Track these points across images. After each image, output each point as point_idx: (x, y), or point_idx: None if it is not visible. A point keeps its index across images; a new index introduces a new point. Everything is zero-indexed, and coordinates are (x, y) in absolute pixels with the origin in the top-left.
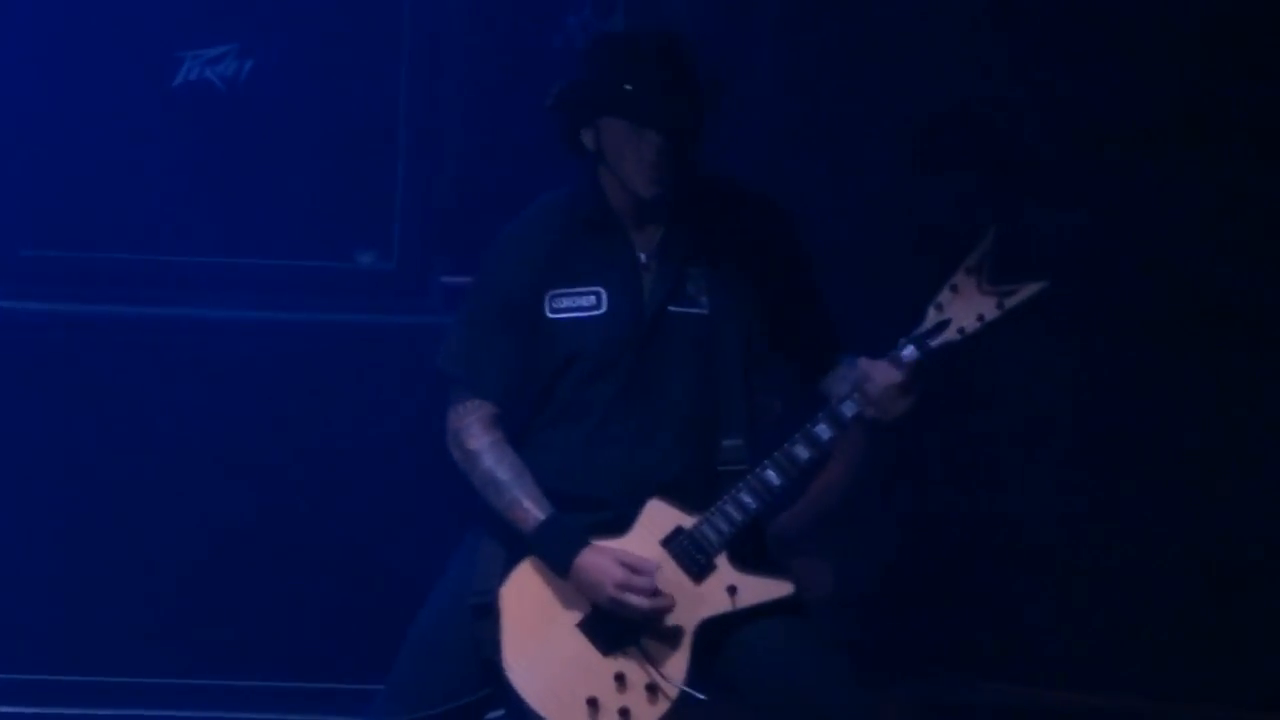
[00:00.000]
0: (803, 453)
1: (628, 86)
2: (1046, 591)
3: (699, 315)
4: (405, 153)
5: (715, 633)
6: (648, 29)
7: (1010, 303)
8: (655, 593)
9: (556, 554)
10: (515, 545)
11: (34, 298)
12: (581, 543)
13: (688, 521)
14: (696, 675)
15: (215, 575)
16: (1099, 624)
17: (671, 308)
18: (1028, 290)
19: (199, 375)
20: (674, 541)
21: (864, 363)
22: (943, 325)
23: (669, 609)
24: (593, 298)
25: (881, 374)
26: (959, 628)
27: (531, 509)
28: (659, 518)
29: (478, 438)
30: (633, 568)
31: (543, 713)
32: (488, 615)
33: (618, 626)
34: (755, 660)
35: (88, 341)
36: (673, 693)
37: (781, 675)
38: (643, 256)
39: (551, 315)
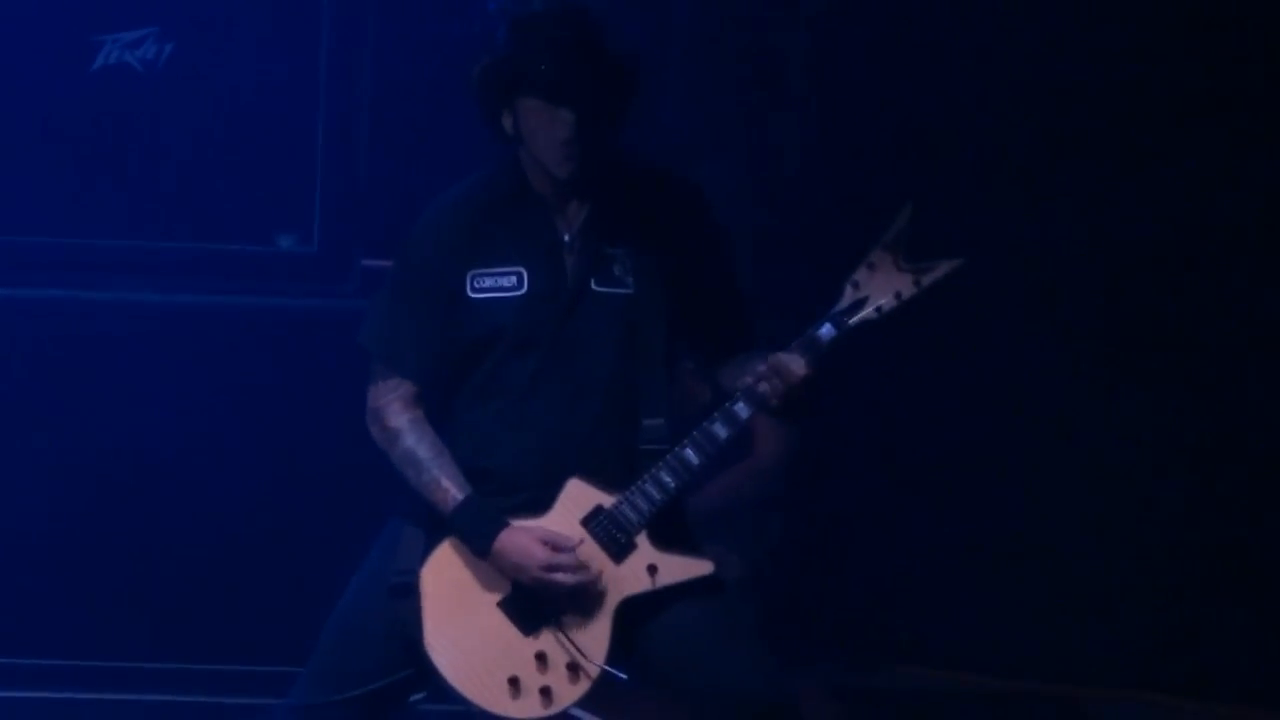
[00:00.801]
0: (721, 431)
1: (541, 66)
2: (961, 575)
3: (624, 295)
4: (325, 135)
5: (636, 614)
6: (563, 6)
7: (927, 280)
8: (580, 568)
9: (476, 535)
10: (436, 527)
11: None
12: (500, 523)
13: (608, 501)
14: (619, 656)
15: (133, 558)
16: (1016, 609)
17: (596, 287)
18: (944, 268)
19: (117, 359)
20: (594, 521)
21: (772, 358)
22: (860, 303)
23: (592, 586)
24: (514, 278)
25: (785, 367)
26: (874, 612)
27: (450, 488)
28: (579, 497)
29: (397, 415)
30: (555, 545)
31: (464, 693)
32: (408, 595)
33: (538, 606)
34: (675, 644)
35: (3, 326)
36: (593, 672)
37: (700, 660)
38: (565, 237)
39: (473, 295)
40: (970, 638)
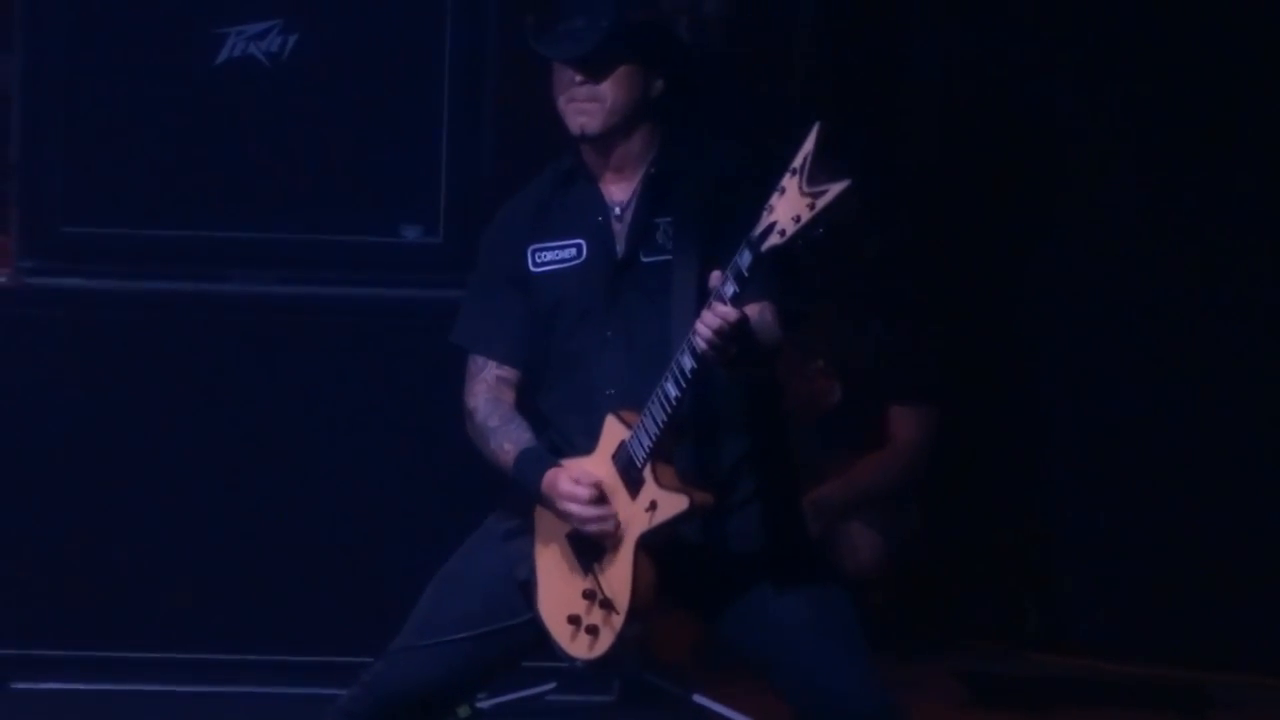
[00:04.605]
0: (671, 389)
1: (552, 19)
2: (1088, 563)
3: (665, 261)
4: (450, 125)
5: (738, 602)
6: None
7: (821, 203)
8: (598, 502)
9: (529, 480)
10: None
11: (77, 274)
12: (548, 464)
13: (627, 436)
14: (720, 645)
15: (259, 549)
16: (1142, 596)
17: (644, 257)
18: (835, 189)
19: (245, 350)
20: (618, 457)
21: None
22: (770, 229)
23: (612, 522)
24: (574, 249)
25: (704, 322)
26: (1007, 599)
27: (510, 449)
28: (611, 435)
29: (477, 395)
30: (580, 480)
31: (549, 626)
32: (523, 535)
33: (586, 544)
34: (782, 645)
35: (132, 319)
36: (621, 616)
37: (808, 668)
38: (616, 209)
39: (535, 270)
40: (1102, 625)
